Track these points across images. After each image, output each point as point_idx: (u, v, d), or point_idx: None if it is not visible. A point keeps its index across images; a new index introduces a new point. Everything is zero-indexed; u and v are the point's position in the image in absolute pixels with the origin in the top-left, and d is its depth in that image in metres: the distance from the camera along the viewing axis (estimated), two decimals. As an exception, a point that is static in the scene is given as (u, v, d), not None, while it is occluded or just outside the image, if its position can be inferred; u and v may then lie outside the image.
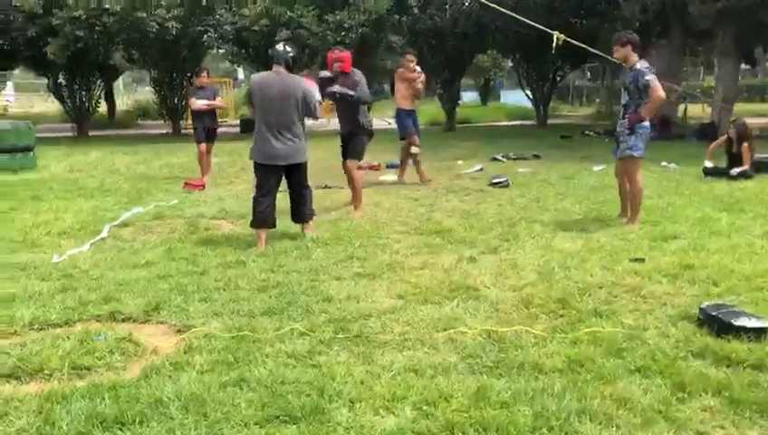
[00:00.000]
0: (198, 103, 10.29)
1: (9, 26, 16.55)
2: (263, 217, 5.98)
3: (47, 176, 11.10)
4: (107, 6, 15.86)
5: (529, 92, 22.46)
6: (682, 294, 4.44)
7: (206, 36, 17.24)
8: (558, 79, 22.51)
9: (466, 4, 18.63)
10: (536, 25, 9.62)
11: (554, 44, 9.22)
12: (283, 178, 6.18)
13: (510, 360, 3.39)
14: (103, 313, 4.26)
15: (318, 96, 6.30)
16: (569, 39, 9.24)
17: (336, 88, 7.33)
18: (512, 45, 20.49)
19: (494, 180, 9.65)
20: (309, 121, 6.25)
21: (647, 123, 6.41)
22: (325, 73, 7.60)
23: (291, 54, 6.06)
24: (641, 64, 6.31)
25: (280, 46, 6.11)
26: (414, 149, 9.99)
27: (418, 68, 9.84)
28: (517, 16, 9.90)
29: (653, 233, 6.16)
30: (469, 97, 42.94)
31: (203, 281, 4.90)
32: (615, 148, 6.73)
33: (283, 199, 6.37)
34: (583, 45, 9.44)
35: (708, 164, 9.90)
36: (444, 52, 19.66)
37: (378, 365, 3.35)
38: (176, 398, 2.98)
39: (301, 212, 6.27)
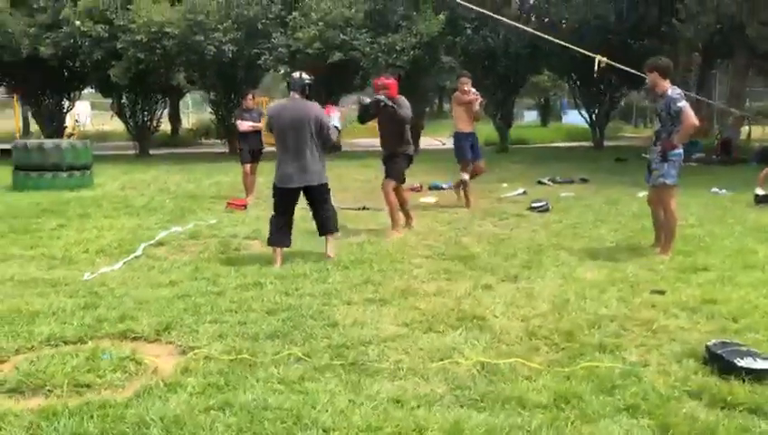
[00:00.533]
0: (244, 125, 10.58)
1: (77, 50, 17.34)
2: (278, 237, 6.25)
3: (100, 194, 11.55)
4: (167, 30, 16.45)
5: (585, 113, 22.11)
6: (696, 330, 4.30)
7: (261, 58, 17.65)
8: (615, 100, 22.09)
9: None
10: (576, 48, 9.51)
11: (596, 67, 9.11)
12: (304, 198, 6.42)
13: (497, 393, 3.34)
14: (117, 331, 4.40)
15: (336, 123, 6.47)
16: (611, 62, 9.12)
17: (381, 96, 7.50)
18: (566, 66, 20.25)
19: (534, 205, 9.53)
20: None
21: (680, 150, 6.24)
22: (367, 100, 7.79)
23: (306, 82, 6.29)
24: (672, 91, 6.16)
25: (296, 74, 6.38)
26: (463, 175, 9.96)
27: (474, 90, 9.80)
28: (554, 39, 9.79)
29: (683, 264, 5.97)
30: (531, 117, 42.65)
31: (218, 302, 5.01)
32: (647, 175, 6.57)
33: (305, 220, 6.48)
34: (626, 68, 9.27)
35: (760, 191, 9.52)
36: (497, 72, 19.59)
37: (363, 394, 3.35)
38: (159, 419, 3.06)
39: (324, 225, 6.47)
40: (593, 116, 21.80)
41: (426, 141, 25.42)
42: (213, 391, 3.41)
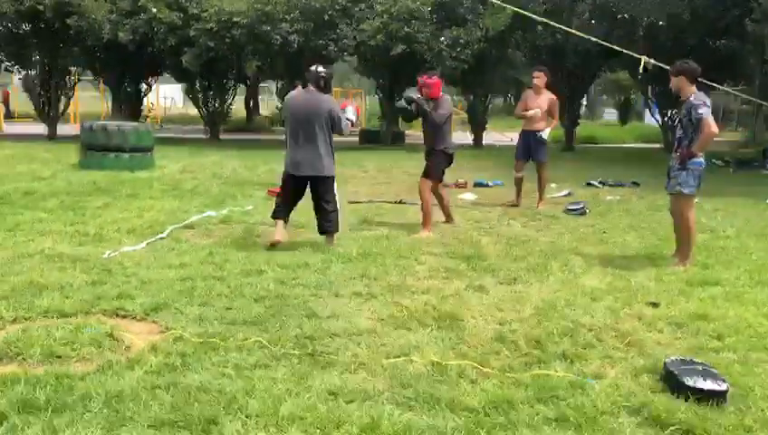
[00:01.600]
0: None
1: (153, 36, 18.09)
2: (278, 211, 6.73)
3: (156, 175, 12.07)
4: (236, 19, 16.94)
5: (657, 114, 21.33)
6: (673, 346, 4.18)
7: (327, 49, 17.92)
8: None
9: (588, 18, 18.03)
10: (622, 50, 9.23)
11: (641, 69, 8.82)
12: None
13: (433, 394, 3.38)
14: (111, 308, 4.67)
15: (350, 115, 6.77)
16: (659, 63, 8.81)
17: (415, 96, 7.60)
18: (637, 64, 19.53)
19: (570, 207, 9.35)
20: None
21: (700, 159, 6.01)
22: (412, 96, 7.83)
23: (322, 75, 6.48)
24: (695, 97, 5.93)
25: (314, 67, 6.49)
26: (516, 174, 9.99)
27: (535, 110, 9.52)
28: (592, 38, 9.51)
29: (695, 276, 5.77)
30: (612, 115, 41.39)
31: (215, 286, 5.21)
32: (667, 182, 6.36)
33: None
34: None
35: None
36: (564, 69, 19.16)
37: (304, 385, 3.46)
38: (104, 393, 3.27)
39: (321, 225, 6.67)
40: (665, 117, 20.99)
41: (494, 137, 25.21)
42: (167, 371, 3.59)
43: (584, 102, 41.95)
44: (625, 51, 9.20)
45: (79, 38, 18.89)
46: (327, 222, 6.63)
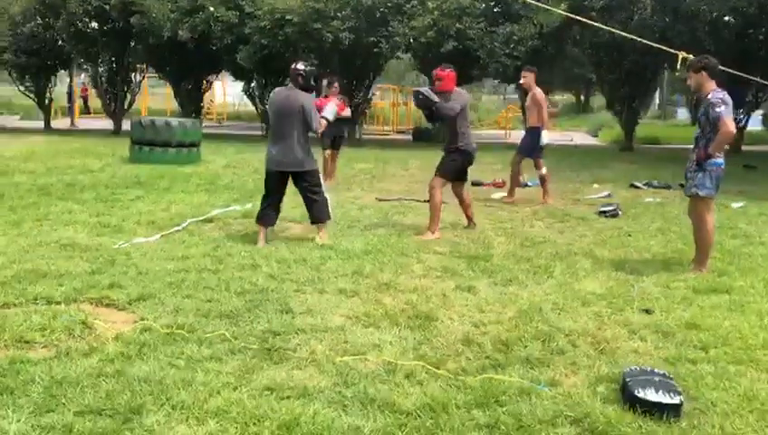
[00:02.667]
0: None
1: (211, 35, 18.54)
2: (261, 216, 6.70)
3: (198, 170, 12.35)
4: (288, 17, 17.16)
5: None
6: (650, 355, 3.97)
7: (379, 46, 17.92)
8: (760, 100, 20.11)
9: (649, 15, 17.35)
10: (653, 45, 8.84)
11: (678, 66, 8.44)
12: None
13: (371, 394, 3.32)
14: (98, 296, 4.80)
15: (328, 113, 6.89)
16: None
17: (423, 89, 7.50)
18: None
19: (602, 209, 9.03)
20: None
21: (718, 160, 5.69)
22: (420, 89, 7.74)
23: (300, 72, 6.56)
24: (714, 94, 5.61)
25: (293, 65, 6.69)
26: (541, 171, 10.00)
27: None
28: (636, 38, 9.14)
29: (705, 283, 5.47)
30: (685, 115, 39.80)
31: (205, 279, 5.28)
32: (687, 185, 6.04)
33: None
34: (729, 70, 8.45)
35: None
36: (623, 67, 18.51)
37: (246, 379, 3.46)
38: (48, 379, 3.36)
39: (312, 215, 6.83)
40: (735, 117, 19.99)
41: (552, 136, 24.64)
42: (120, 360, 3.66)
43: (656, 101, 40.66)
44: (661, 47, 8.79)
45: (141, 36, 19.57)
46: (318, 212, 6.77)
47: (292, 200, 8.99)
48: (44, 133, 21.20)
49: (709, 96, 5.63)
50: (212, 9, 18.27)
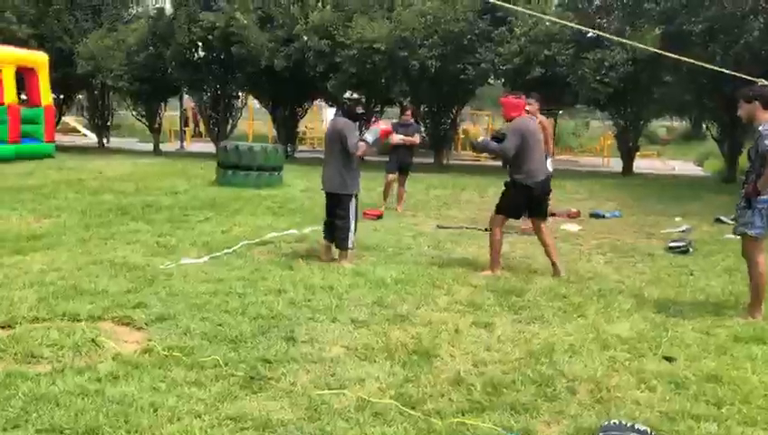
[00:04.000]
0: (396, 138, 10.93)
1: (305, 63, 19.15)
2: (324, 231, 7.29)
3: (274, 193, 12.69)
4: (376, 45, 17.45)
5: None
6: (651, 407, 3.67)
7: (465, 73, 17.88)
8: None
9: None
10: (732, 72, 8.27)
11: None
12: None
13: (329, 431, 3.26)
14: (121, 315, 5.00)
15: (368, 136, 7.07)
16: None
17: (479, 140, 7.43)
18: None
19: (672, 244, 8.52)
20: None
21: (768, 196, 5.23)
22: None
23: (344, 100, 7.22)
24: (765, 126, 5.17)
25: (345, 95, 7.01)
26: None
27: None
28: (708, 66, 8.59)
29: (749, 332, 5.02)
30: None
31: (228, 302, 5.38)
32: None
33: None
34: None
35: None
36: (723, 94, 17.43)
37: (216, 407, 3.50)
38: (29, 395, 3.52)
39: (334, 240, 7.11)
40: None
41: (654, 165, 23.57)
42: (106, 380, 3.79)
43: None
44: (738, 74, 8.21)
45: (241, 65, 20.50)
46: (337, 238, 7.03)
47: (363, 228, 9.15)
48: (152, 156, 22.55)
49: (761, 127, 5.20)
50: (305, 38, 18.86)
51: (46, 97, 19.67)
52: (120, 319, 4.96)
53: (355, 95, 7.32)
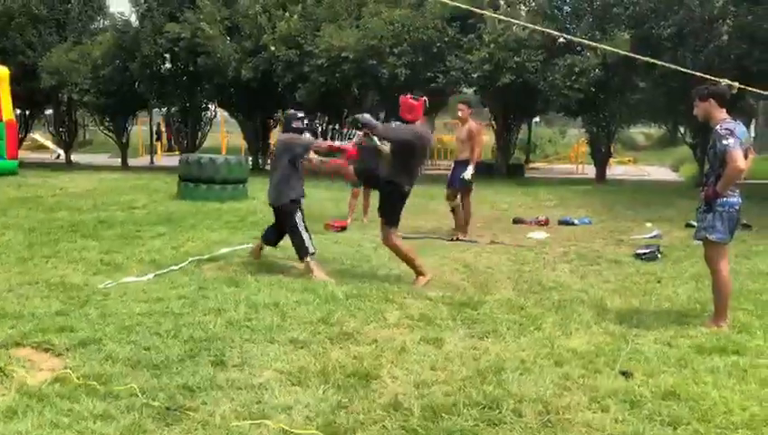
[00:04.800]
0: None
1: (272, 74, 18.83)
2: (265, 234, 7.60)
3: (239, 207, 12.30)
4: (344, 54, 17.18)
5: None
6: (602, 430, 3.37)
7: (435, 81, 17.64)
8: None
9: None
10: (696, 73, 8.07)
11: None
12: None
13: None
14: (41, 340, 4.61)
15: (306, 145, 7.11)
16: (742, 86, 7.59)
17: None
18: None
19: (639, 251, 8.26)
20: None
21: (731, 199, 4.98)
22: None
23: (285, 117, 7.44)
24: (723, 125, 4.93)
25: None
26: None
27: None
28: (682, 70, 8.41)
29: (714, 342, 4.74)
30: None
31: (163, 324, 4.99)
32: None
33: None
34: (758, 90, 7.69)
35: None
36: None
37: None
38: None
39: (295, 250, 7.06)
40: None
41: (630, 171, 23.50)
42: (7, 414, 3.43)
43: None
44: (707, 76, 7.99)
45: (208, 76, 20.12)
46: (295, 249, 7.01)
47: (323, 240, 8.80)
48: (120, 170, 22.06)
49: (717, 127, 4.95)
50: (273, 48, 18.54)
51: (8, 112, 19.13)
52: (39, 344, 4.58)
53: (296, 113, 7.42)
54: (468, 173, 9.36)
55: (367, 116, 6.58)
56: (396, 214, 6.60)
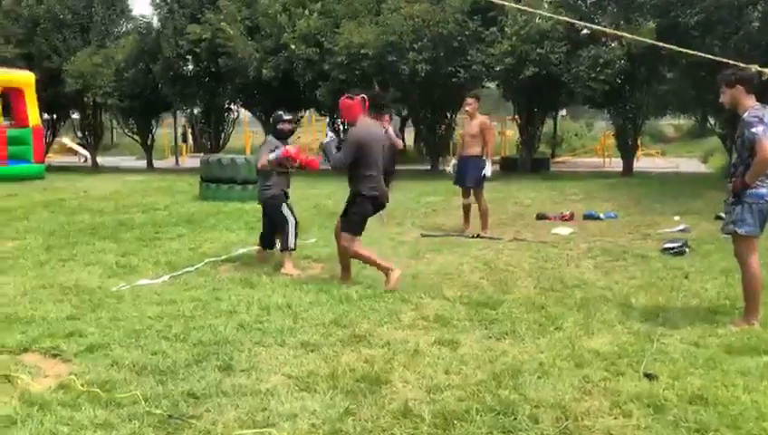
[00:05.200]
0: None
1: (293, 72, 18.76)
2: (259, 240, 7.68)
3: (259, 207, 12.09)
4: (364, 51, 17.03)
5: None
6: (622, 439, 3.17)
7: (457, 76, 17.41)
8: None
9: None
10: (723, 60, 7.74)
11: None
12: None
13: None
14: (50, 346, 4.55)
15: (271, 156, 7.02)
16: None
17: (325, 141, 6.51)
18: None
19: (667, 246, 7.99)
20: None
21: (762, 190, 4.73)
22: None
23: (273, 117, 7.45)
24: (750, 113, 4.69)
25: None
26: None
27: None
28: (703, 55, 8.10)
29: (744, 341, 4.51)
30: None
31: (173, 327, 4.91)
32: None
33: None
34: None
35: None
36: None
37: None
38: None
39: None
40: None
41: (657, 163, 22.98)
42: (3, 423, 3.34)
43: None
44: (737, 63, 7.69)
45: (230, 77, 20.12)
46: (281, 239, 7.22)
47: (322, 238, 8.69)
48: (145, 172, 22.20)
49: (745, 115, 4.71)
50: (293, 47, 18.46)
51: (34, 117, 19.36)
52: (47, 350, 4.52)
53: (282, 114, 7.31)
54: (488, 170, 9.17)
55: (329, 144, 6.24)
56: (362, 224, 6.27)
